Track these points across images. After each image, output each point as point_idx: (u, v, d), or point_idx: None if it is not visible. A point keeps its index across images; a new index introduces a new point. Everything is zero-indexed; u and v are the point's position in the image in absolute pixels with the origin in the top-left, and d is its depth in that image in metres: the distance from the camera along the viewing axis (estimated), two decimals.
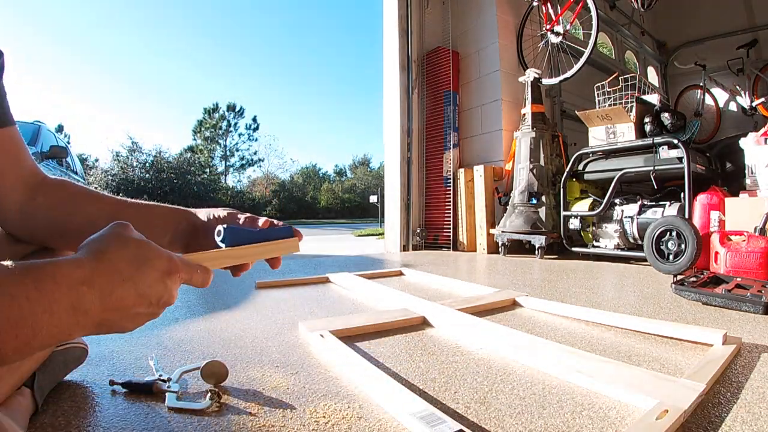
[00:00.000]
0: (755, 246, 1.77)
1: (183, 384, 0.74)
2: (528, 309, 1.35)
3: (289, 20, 65.59)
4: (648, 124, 2.62)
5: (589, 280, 1.96)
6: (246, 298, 1.51)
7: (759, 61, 4.34)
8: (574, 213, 2.82)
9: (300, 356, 0.90)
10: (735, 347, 0.90)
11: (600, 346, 0.97)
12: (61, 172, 4.01)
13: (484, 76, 3.73)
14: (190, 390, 0.72)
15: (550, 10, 3.50)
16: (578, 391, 0.71)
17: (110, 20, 52.32)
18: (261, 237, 0.52)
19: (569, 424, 0.60)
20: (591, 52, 3.12)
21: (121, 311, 0.36)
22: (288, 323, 1.17)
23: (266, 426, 0.60)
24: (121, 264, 0.36)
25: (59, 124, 26.69)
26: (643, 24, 5.06)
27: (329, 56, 67.97)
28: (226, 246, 0.49)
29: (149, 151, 22.23)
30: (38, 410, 0.62)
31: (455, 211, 3.62)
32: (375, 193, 12.89)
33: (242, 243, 0.50)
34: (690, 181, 2.30)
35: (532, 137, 3.09)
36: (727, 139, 3.22)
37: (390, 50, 3.96)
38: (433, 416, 0.58)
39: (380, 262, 2.80)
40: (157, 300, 0.38)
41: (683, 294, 1.46)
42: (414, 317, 1.16)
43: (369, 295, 1.55)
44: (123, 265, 0.36)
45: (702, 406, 0.65)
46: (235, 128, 30.18)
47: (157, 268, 0.38)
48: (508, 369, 0.82)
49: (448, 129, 3.78)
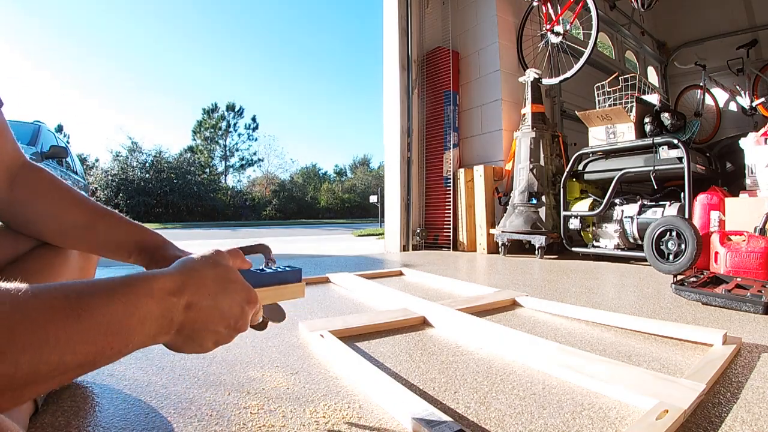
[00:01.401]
0: (755, 246, 1.77)
1: None
2: (528, 309, 1.35)
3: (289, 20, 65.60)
4: (648, 124, 2.62)
5: (589, 280, 1.96)
6: None
7: (759, 61, 4.35)
8: (574, 213, 2.82)
9: (300, 356, 0.90)
10: (735, 347, 0.90)
11: (600, 346, 0.97)
12: (62, 172, 4.02)
13: (484, 76, 3.73)
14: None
15: (550, 10, 3.50)
16: (578, 391, 0.71)
17: (110, 20, 52.33)
18: (273, 281, 0.52)
19: (569, 424, 0.60)
20: (591, 52, 3.12)
21: (201, 323, 0.38)
22: (288, 323, 1.17)
23: (266, 426, 0.60)
24: (209, 281, 0.39)
25: (59, 124, 26.64)
26: (643, 24, 5.07)
27: (329, 56, 68.00)
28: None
29: (149, 151, 22.24)
30: (38, 410, 0.62)
31: (455, 211, 3.62)
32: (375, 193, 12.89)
33: (255, 286, 0.50)
34: (690, 181, 2.30)
35: (532, 137, 3.09)
36: (727, 139, 3.23)
37: (390, 50, 3.96)
38: (433, 416, 0.58)
39: (380, 262, 2.80)
40: (234, 322, 0.41)
41: (683, 294, 1.46)
42: (414, 317, 1.16)
43: (369, 295, 1.55)
44: (210, 282, 0.39)
45: (702, 406, 0.65)
46: (234, 128, 30.16)
47: (239, 292, 0.41)
48: (508, 369, 0.82)
49: (448, 129, 3.78)
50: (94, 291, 0.31)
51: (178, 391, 0.71)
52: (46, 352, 0.26)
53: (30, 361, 0.26)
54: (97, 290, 0.31)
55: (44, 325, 0.27)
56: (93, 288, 0.31)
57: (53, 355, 0.27)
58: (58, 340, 0.27)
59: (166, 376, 0.78)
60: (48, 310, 0.27)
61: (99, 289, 0.31)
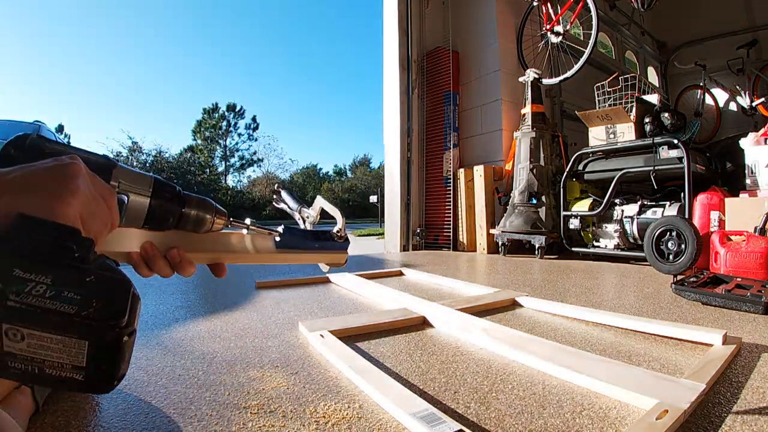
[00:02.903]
0: (755, 246, 1.77)
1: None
2: (528, 309, 1.35)
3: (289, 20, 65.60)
4: (648, 124, 2.62)
5: (589, 280, 1.96)
6: (246, 298, 1.51)
7: (759, 61, 4.34)
8: (574, 213, 2.82)
9: (300, 356, 0.90)
10: (735, 347, 0.90)
11: (600, 346, 0.97)
12: None
13: (484, 76, 3.73)
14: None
15: (550, 10, 3.50)
16: (578, 391, 0.71)
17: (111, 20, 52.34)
18: (315, 247, 0.54)
19: (569, 424, 0.60)
20: (591, 52, 3.12)
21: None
22: (288, 323, 1.17)
23: (266, 426, 0.60)
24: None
25: (59, 124, 26.64)
26: (643, 24, 5.06)
27: (329, 56, 68.00)
28: (280, 246, 0.51)
29: (149, 151, 22.27)
30: (38, 410, 0.62)
31: (455, 211, 3.62)
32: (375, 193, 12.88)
33: (296, 247, 0.51)
34: (690, 181, 2.30)
35: (532, 137, 3.09)
36: (727, 139, 3.23)
37: (390, 50, 3.96)
38: (433, 416, 0.58)
39: (380, 262, 2.80)
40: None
41: (683, 294, 1.46)
42: (414, 317, 1.16)
43: (369, 295, 1.55)
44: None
45: (702, 406, 0.65)
46: (234, 128, 30.18)
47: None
48: (508, 369, 0.82)
49: (448, 129, 3.78)
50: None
51: (178, 391, 0.71)
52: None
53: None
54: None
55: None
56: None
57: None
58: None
59: (166, 376, 0.78)
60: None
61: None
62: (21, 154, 0.33)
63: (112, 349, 0.26)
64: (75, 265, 0.26)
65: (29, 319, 0.24)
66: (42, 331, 0.25)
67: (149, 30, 56.94)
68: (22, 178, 0.29)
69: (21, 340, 0.25)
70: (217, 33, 60.95)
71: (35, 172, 0.30)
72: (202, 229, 0.46)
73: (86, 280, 0.26)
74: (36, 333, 0.25)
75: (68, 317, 0.25)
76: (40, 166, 0.30)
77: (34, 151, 0.34)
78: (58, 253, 0.26)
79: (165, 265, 0.44)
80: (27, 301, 0.24)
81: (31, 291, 0.24)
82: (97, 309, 0.26)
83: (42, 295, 0.24)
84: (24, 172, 0.30)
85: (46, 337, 0.25)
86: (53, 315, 0.25)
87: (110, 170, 0.37)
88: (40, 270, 0.25)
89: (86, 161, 0.34)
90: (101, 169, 0.36)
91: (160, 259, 0.44)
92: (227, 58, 61.50)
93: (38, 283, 0.24)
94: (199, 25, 60.74)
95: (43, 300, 0.24)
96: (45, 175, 0.30)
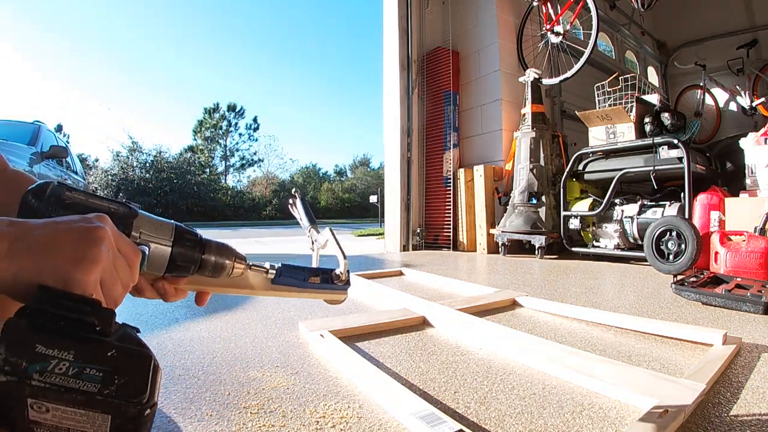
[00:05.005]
0: (755, 246, 1.77)
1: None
2: (528, 309, 1.35)
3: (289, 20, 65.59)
4: (648, 124, 2.62)
5: (589, 280, 1.96)
6: (246, 298, 1.51)
7: (759, 61, 4.34)
8: (574, 213, 2.82)
9: (300, 356, 0.90)
10: (735, 347, 0.90)
11: (600, 346, 0.97)
12: (61, 171, 4.01)
13: (484, 76, 3.73)
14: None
15: (550, 10, 3.50)
16: (578, 391, 0.71)
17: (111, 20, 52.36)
18: (311, 287, 0.52)
19: (569, 424, 0.60)
20: (591, 52, 3.12)
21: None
22: (288, 323, 1.17)
23: (266, 426, 0.60)
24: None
25: (59, 124, 26.62)
26: (643, 24, 5.07)
27: (329, 56, 67.96)
28: (275, 282, 0.50)
29: (149, 150, 22.23)
30: None
31: (455, 211, 3.62)
32: (375, 193, 12.88)
33: (291, 285, 0.50)
34: (690, 181, 2.30)
35: (532, 137, 3.09)
36: (727, 139, 3.23)
37: (390, 50, 3.96)
38: (433, 416, 0.58)
39: (380, 262, 2.80)
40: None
41: (683, 294, 1.46)
42: (414, 317, 1.16)
43: (369, 295, 1.55)
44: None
45: (702, 406, 0.65)
46: (235, 128, 30.17)
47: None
48: (508, 369, 0.82)
49: (448, 129, 3.78)
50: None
51: (178, 391, 0.71)
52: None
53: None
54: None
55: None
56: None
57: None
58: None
59: (166, 376, 0.78)
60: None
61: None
62: (42, 204, 0.33)
63: (135, 421, 0.27)
64: (96, 338, 0.27)
65: (53, 397, 0.25)
66: (66, 406, 0.25)
67: (150, 30, 56.97)
68: (48, 238, 0.29)
69: (46, 411, 0.25)
70: (217, 33, 60.93)
71: (61, 232, 0.30)
72: (221, 274, 0.45)
73: (108, 355, 0.26)
74: (60, 407, 0.25)
75: (91, 396, 0.25)
76: (66, 226, 0.30)
77: (55, 202, 0.34)
78: (79, 327, 0.26)
79: (153, 294, 0.44)
80: (50, 380, 0.24)
81: (54, 369, 0.25)
82: (119, 386, 0.26)
83: (65, 373, 0.25)
84: (51, 231, 0.30)
85: (70, 411, 0.25)
86: (76, 393, 0.25)
87: (131, 220, 0.37)
88: (62, 346, 0.25)
89: (107, 213, 0.34)
90: (122, 219, 0.36)
91: (149, 291, 0.44)
92: (228, 58, 61.49)
93: (61, 360, 0.25)
94: (200, 25, 60.76)
95: (66, 378, 0.25)
96: (69, 238, 0.30)
